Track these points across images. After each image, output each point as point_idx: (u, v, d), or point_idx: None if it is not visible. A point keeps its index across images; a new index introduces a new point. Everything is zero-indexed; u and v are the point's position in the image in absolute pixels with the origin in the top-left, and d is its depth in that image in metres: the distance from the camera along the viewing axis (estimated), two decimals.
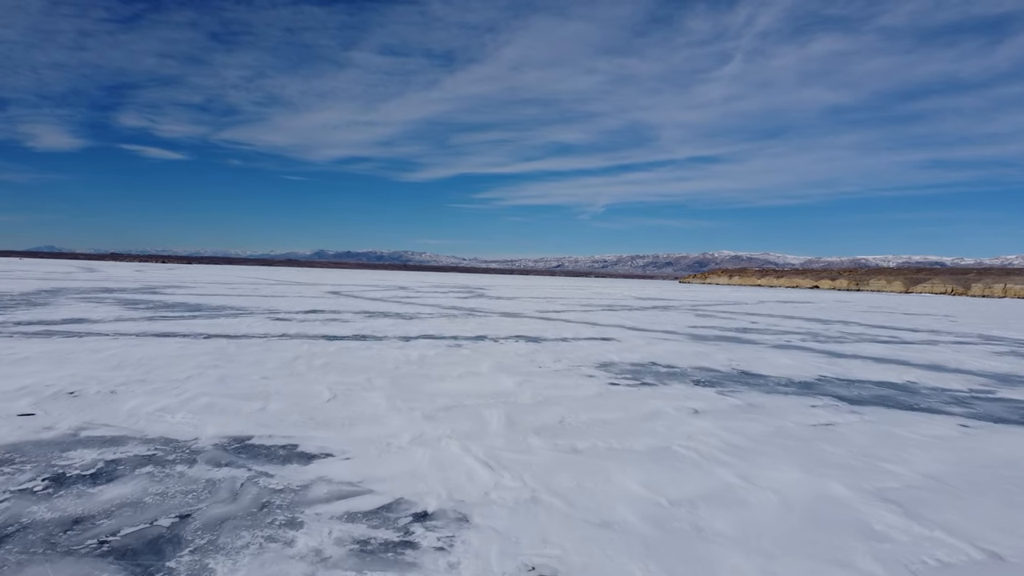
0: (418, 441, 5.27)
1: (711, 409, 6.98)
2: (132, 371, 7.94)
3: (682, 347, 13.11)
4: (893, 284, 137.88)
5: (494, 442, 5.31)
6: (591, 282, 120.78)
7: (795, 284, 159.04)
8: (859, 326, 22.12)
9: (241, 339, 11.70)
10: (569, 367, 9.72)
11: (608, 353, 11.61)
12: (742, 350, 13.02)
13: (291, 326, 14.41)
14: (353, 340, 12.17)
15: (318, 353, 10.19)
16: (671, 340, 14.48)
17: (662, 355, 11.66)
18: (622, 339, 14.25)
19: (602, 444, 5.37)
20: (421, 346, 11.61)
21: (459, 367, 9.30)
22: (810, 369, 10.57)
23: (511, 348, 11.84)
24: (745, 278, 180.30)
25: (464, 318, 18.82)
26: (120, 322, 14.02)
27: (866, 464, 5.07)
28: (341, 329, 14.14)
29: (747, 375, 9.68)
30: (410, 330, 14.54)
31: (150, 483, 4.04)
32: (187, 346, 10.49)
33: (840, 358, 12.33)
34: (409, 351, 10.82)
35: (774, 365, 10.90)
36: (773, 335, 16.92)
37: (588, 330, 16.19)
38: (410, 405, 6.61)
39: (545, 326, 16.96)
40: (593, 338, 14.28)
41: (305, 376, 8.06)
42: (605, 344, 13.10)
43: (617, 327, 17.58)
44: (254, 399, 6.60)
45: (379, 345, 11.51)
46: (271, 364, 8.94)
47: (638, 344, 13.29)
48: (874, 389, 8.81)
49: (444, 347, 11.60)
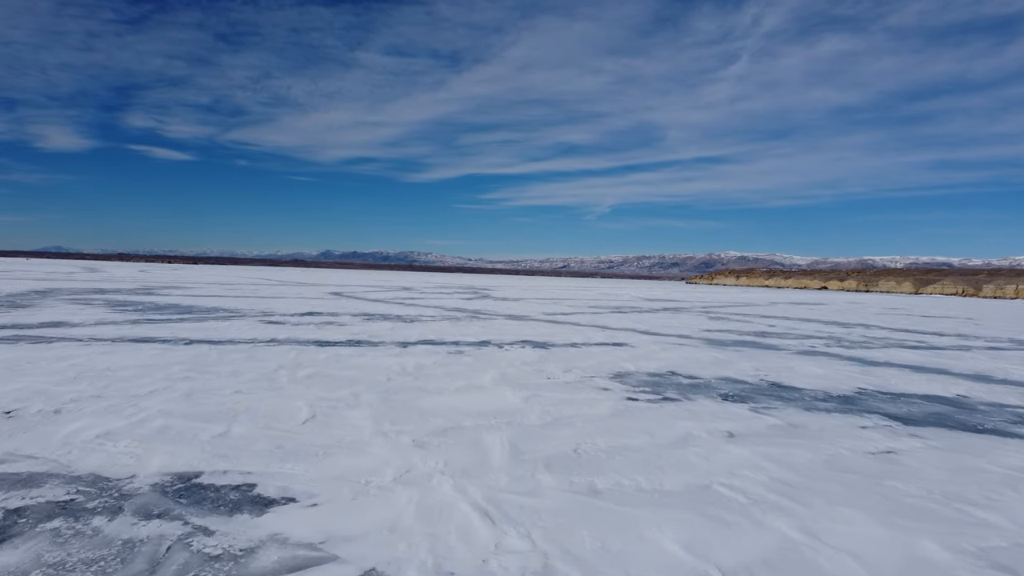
0: (404, 479, 4.35)
1: (748, 432, 6.04)
2: (89, 385, 7.05)
3: (701, 354, 12.15)
4: (903, 285, 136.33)
5: (496, 479, 4.39)
6: (597, 283, 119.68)
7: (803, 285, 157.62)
8: (881, 329, 21.11)
9: (225, 345, 10.81)
10: (581, 378, 8.79)
11: (622, 361, 10.67)
12: (766, 357, 12.06)
13: (282, 330, 13.52)
14: (346, 346, 11.27)
15: (305, 362, 9.28)
16: (688, 346, 13.53)
17: (681, 363, 10.72)
18: (635, 344, 13.30)
19: (627, 482, 4.43)
20: (419, 353, 10.70)
21: (459, 378, 8.38)
22: (845, 380, 9.61)
23: (517, 355, 10.91)
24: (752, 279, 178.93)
25: (467, 321, 17.90)
26: (100, 326, 13.15)
27: (954, 511, 4.12)
28: (335, 334, 13.24)
29: (778, 387, 8.72)
30: (409, 334, 13.63)
31: (48, 547, 3.12)
32: (163, 353, 9.60)
33: (874, 366, 11.36)
34: (405, 359, 9.90)
35: (805, 375, 9.94)
36: (794, 340, 15.95)
37: (598, 334, 15.25)
38: (399, 428, 5.69)
39: (553, 330, 16.04)
40: (604, 343, 13.34)
41: (285, 390, 7.14)
42: (618, 350, 12.16)
43: (628, 331, 16.64)
44: (218, 420, 5.69)
45: (373, 352, 10.60)
46: (250, 375, 8.03)
47: (653, 350, 12.34)
48: (924, 405, 7.85)
49: (444, 354, 10.69)
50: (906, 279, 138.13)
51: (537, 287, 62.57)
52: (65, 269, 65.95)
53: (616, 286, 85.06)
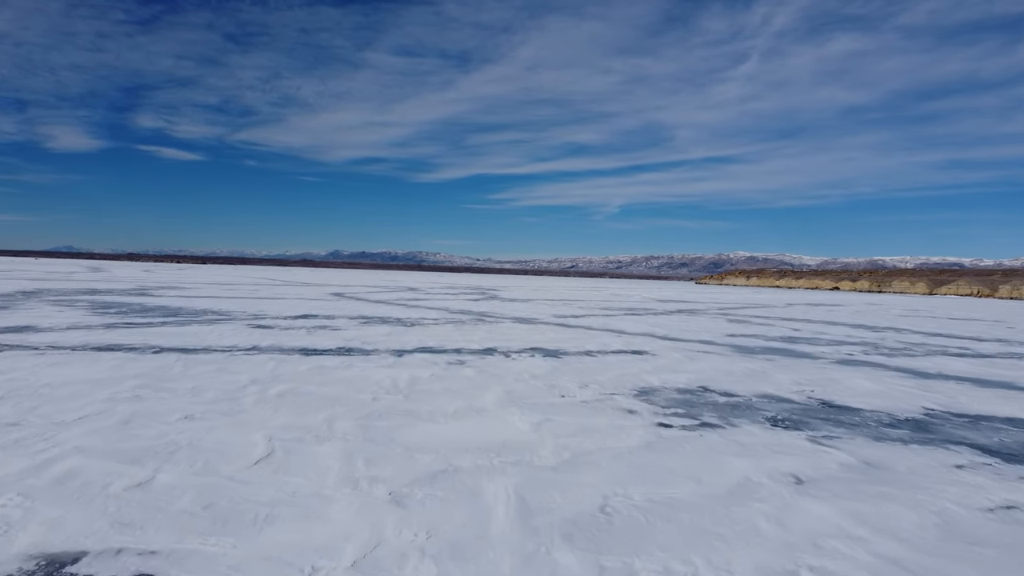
0: (367, 563, 3.11)
1: (818, 475, 4.78)
2: (12, 407, 5.85)
3: (730, 363, 10.88)
4: (917, 285, 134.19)
5: (497, 564, 3.15)
6: (607, 283, 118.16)
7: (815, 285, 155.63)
8: (913, 333, 19.75)
9: (198, 354, 9.62)
10: (600, 396, 7.54)
11: (645, 373, 9.41)
12: (803, 367, 10.77)
13: (268, 336, 12.33)
14: (334, 355, 10.05)
15: (282, 375, 8.07)
16: (714, 354, 12.25)
17: (711, 375, 9.45)
18: (656, 352, 12.03)
19: (681, 568, 3.18)
20: (415, 364, 9.47)
21: (458, 397, 7.14)
22: (904, 397, 8.32)
23: (525, 366, 9.67)
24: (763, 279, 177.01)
25: (472, 325, 16.67)
26: (70, 331, 11.99)
27: None
28: (326, 340, 12.03)
29: (831, 407, 7.45)
30: (407, 341, 12.41)
31: None
32: (122, 365, 8.40)
33: (927, 379, 10.06)
34: (398, 372, 8.67)
35: (856, 391, 8.66)
36: (827, 346, 14.63)
37: (614, 340, 13.98)
38: (375, 471, 4.46)
39: (564, 335, 14.78)
40: (622, 351, 12.08)
41: (246, 415, 5.92)
42: (638, 360, 10.90)
43: (646, 336, 15.37)
44: (147, 461, 4.47)
45: (363, 363, 9.38)
46: (211, 393, 6.81)
47: (677, 360, 11.07)
48: (1015, 432, 6.56)
49: (443, 365, 9.46)
50: (920, 280, 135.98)
51: (546, 287, 61.26)
52: (68, 269, 65.14)
53: (626, 286, 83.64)
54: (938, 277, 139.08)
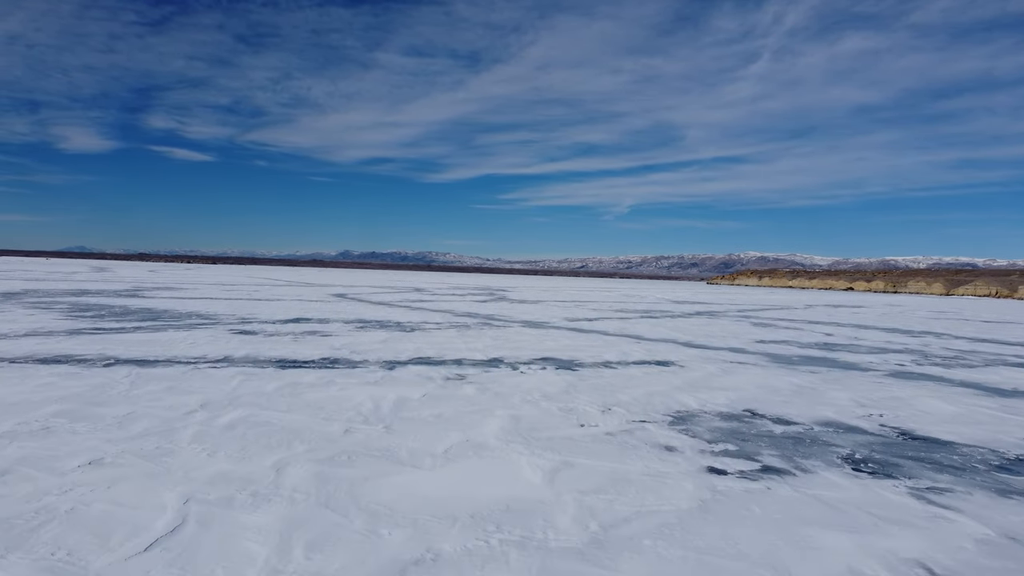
0: None
1: (956, 565, 3.35)
2: None
3: (771, 377, 9.43)
4: (933, 286, 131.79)
5: None
6: (618, 283, 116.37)
7: (828, 286, 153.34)
8: (955, 339, 18.20)
9: (156, 367, 8.27)
10: (628, 424, 6.12)
11: (676, 391, 7.98)
12: (857, 383, 9.31)
13: (247, 343, 10.97)
14: (315, 369, 8.68)
15: (242, 397, 6.69)
16: (749, 364, 10.79)
17: (755, 394, 8.01)
18: (684, 363, 10.59)
19: None
20: (406, 380, 8.07)
21: (451, 428, 5.74)
22: (992, 423, 6.85)
23: (535, 382, 8.26)
24: (775, 279, 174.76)
25: (478, 329, 15.28)
26: (24, 338, 10.68)
27: None
28: (311, 349, 10.66)
29: (915, 441, 6.00)
30: (403, 349, 11.02)
31: None
32: (57, 382, 7.05)
33: (1005, 397, 8.58)
34: (385, 391, 7.28)
35: (933, 415, 7.19)
36: (870, 354, 13.14)
37: (634, 348, 12.54)
38: (319, 566, 3.06)
39: (578, 341, 13.36)
40: (645, 361, 10.65)
41: (171, 459, 4.54)
42: (665, 373, 9.47)
43: (668, 342, 13.92)
44: None
45: (345, 379, 7.98)
46: (142, 425, 5.44)
47: (711, 373, 9.62)
48: None
49: (439, 381, 8.05)
50: (936, 280, 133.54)
51: (556, 288, 59.79)
52: (72, 269, 64.23)
53: (638, 287, 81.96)
54: (955, 277, 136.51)
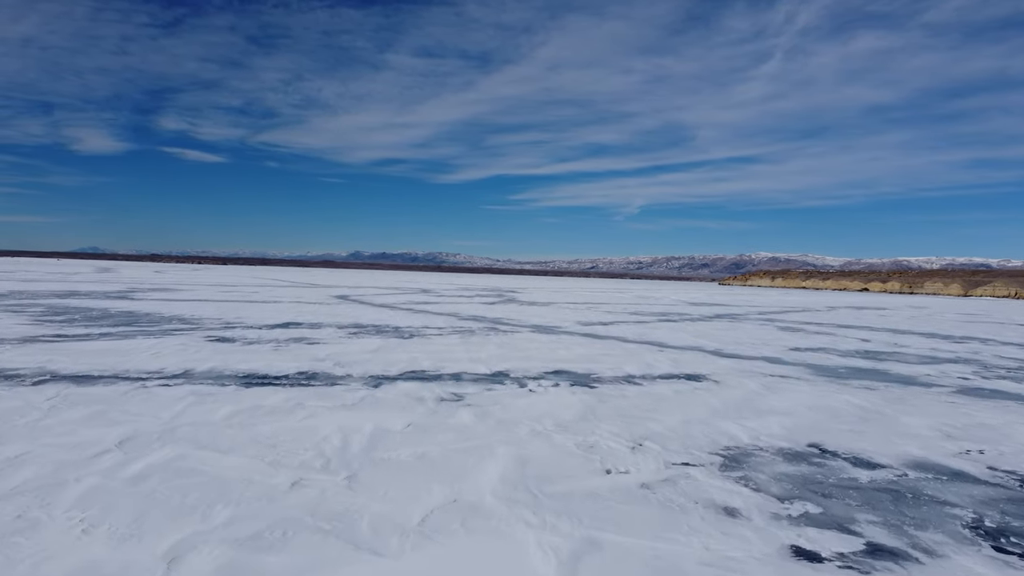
0: None
1: None
2: None
3: (824, 395, 7.98)
4: (950, 287, 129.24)
5: None
6: (629, 284, 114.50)
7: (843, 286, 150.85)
8: (1003, 345, 16.64)
9: (96, 385, 6.94)
10: (668, 471, 4.72)
11: (719, 417, 6.56)
12: (927, 403, 7.84)
13: (218, 354, 9.64)
14: (285, 386, 7.32)
15: (178, 429, 5.33)
16: (793, 379, 9.35)
17: (815, 421, 6.58)
18: (718, 376, 9.17)
19: None
20: (391, 402, 6.69)
21: (435, 479, 4.35)
22: None
23: (546, 405, 6.86)
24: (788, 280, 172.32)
25: (483, 336, 13.89)
26: None
27: None
28: (289, 360, 9.31)
29: None
30: (395, 361, 9.65)
31: None
32: None
33: None
34: (359, 419, 5.90)
35: None
36: (922, 365, 11.66)
37: (658, 358, 11.10)
38: None
39: (594, 349, 11.95)
40: (673, 376, 9.23)
41: (25, 540, 3.17)
42: (700, 391, 8.05)
43: (694, 350, 12.49)
44: None
45: (317, 401, 6.61)
46: (18, 477, 4.07)
47: (753, 391, 8.18)
48: None
49: (430, 404, 6.67)
50: (953, 281, 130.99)
51: (567, 289, 58.29)
52: (75, 270, 63.36)
53: (651, 288, 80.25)
54: (971, 278, 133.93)
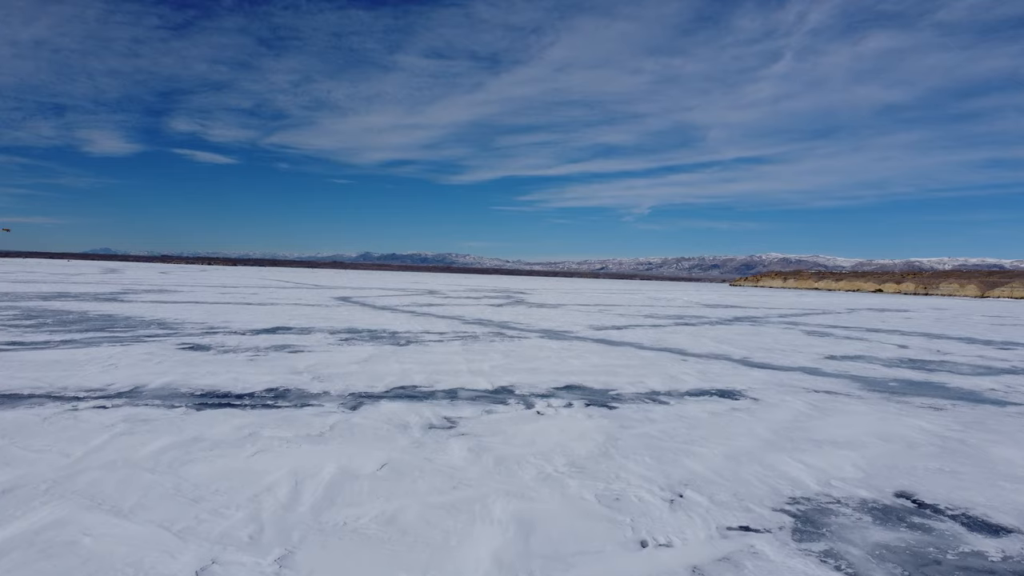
0: None
1: None
2: None
3: (891, 421, 6.71)
4: (967, 288, 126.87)
5: None
6: (640, 285, 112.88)
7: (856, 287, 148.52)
8: None
9: (16, 408, 5.77)
10: (723, 541, 3.47)
11: (771, 450, 5.31)
12: (1014, 430, 6.57)
13: (183, 365, 8.46)
14: (244, 409, 6.12)
15: (83, 473, 4.14)
16: (842, 396, 8.07)
17: (890, 457, 5.32)
18: (756, 394, 7.90)
19: None
20: (368, 430, 5.47)
21: (402, 561, 3.13)
22: None
23: (557, 435, 5.63)
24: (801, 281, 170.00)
25: (487, 342, 12.67)
26: None
27: None
28: (262, 373, 8.11)
29: None
30: (384, 374, 8.44)
31: None
32: None
33: None
34: (322, 457, 4.68)
35: None
36: (980, 376, 10.34)
37: (683, 370, 9.84)
38: None
39: (610, 359, 10.70)
40: (704, 392, 7.97)
41: None
42: (739, 413, 6.79)
43: (721, 359, 11.22)
44: None
45: (276, 429, 5.40)
46: None
47: (802, 413, 6.91)
48: None
49: (416, 433, 5.45)
50: (970, 282, 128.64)
51: (577, 290, 56.96)
52: (79, 270, 62.57)
53: (662, 289, 78.70)
54: (987, 279, 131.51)
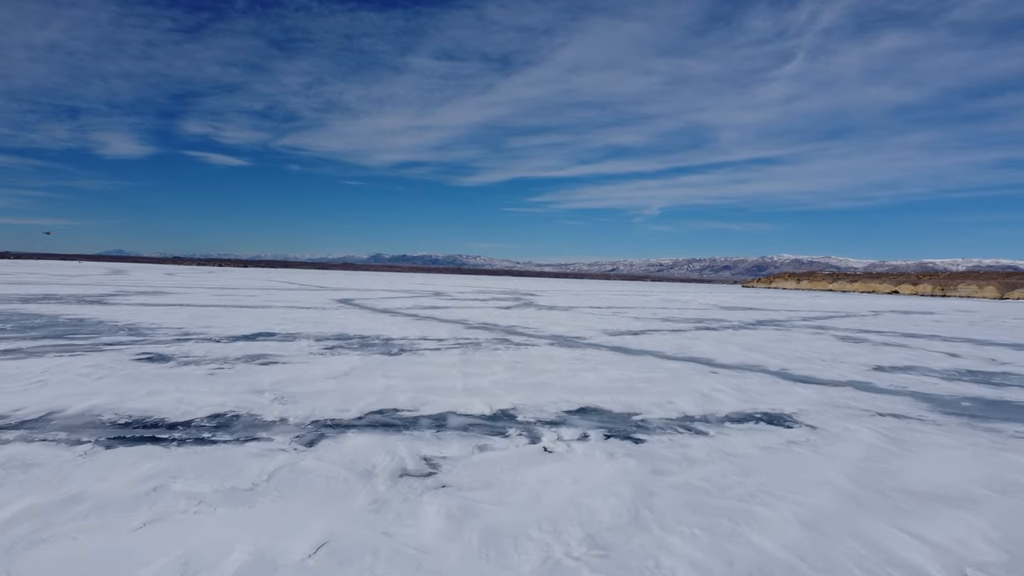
0: None
1: None
2: None
3: (996, 460, 5.26)
4: (985, 289, 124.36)
5: None
6: (652, 286, 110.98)
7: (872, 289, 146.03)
8: None
9: None
10: None
11: (867, 516, 3.89)
12: None
13: (127, 382, 7.12)
14: (167, 447, 4.76)
15: None
16: (918, 422, 6.64)
17: (998, 515, 3.92)
18: (816, 421, 6.48)
19: None
20: (314, 484, 4.09)
21: None
22: None
23: (569, 486, 4.21)
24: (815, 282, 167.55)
25: (490, 351, 11.29)
26: None
27: None
28: (216, 394, 6.76)
29: None
30: (362, 393, 7.07)
31: None
32: None
33: None
34: (233, 538, 3.29)
35: None
36: None
37: (716, 386, 8.41)
38: None
39: (629, 372, 9.28)
40: (748, 416, 6.55)
41: None
42: (799, 448, 5.37)
43: (757, 372, 9.79)
44: None
45: (192, 481, 4.02)
46: None
47: (884, 451, 5.49)
48: None
49: (379, 487, 4.06)
50: (988, 283, 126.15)
51: (588, 291, 55.45)
52: (83, 271, 61.72)
53: (675, 290, 76.99)
54: (1007, 280, 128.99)
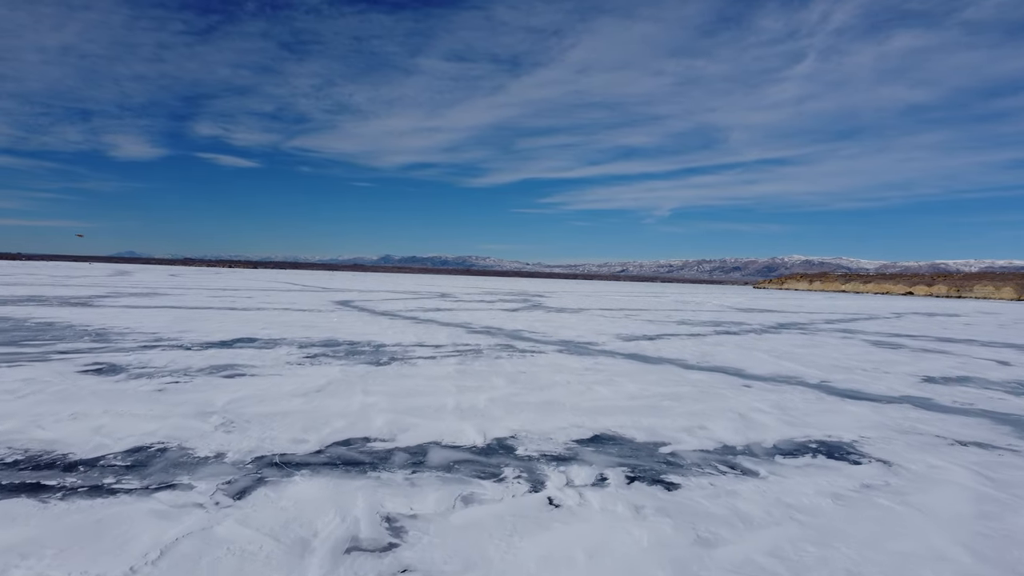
0: None
1: None
2: None
3: None
4: (1002, 291, 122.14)
5: None
6: (663, 287, 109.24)
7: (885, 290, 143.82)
8: None
9: None
10: None
11: None
12: None
13: (52, 400, 5.94)
14: (47, 503, 3.56)
15: None
16: (1010, 455, 5.39)
17: None
18: (888, 455, 5.21)
19: None
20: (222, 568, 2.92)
21: None
22: None
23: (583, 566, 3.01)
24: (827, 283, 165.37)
25: (491, 359, 10.06)
26: None
27: None
28: (150, 419, 5.57)
29: None
30: (331, 415, 5.86)
31: None
32: None
33: None
34: None
35: None
36: None
37: (754, 405, 7.15)
38: None
39: (649, 386, 8.03)
40: (805, 449, 5.30)
41: None
42: (879, 495, 4.12)
43: (795, 385, 8.53)
44: None
45: (39, 572, 2.85)
46: None
47: (993, 501, 4.22)
48: None
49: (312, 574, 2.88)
50: (1005, 284, 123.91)
51: (598, 293, 54.08)
52: (85, 273, 61.02)
53: (686, 292, 75.46)
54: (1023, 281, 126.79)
